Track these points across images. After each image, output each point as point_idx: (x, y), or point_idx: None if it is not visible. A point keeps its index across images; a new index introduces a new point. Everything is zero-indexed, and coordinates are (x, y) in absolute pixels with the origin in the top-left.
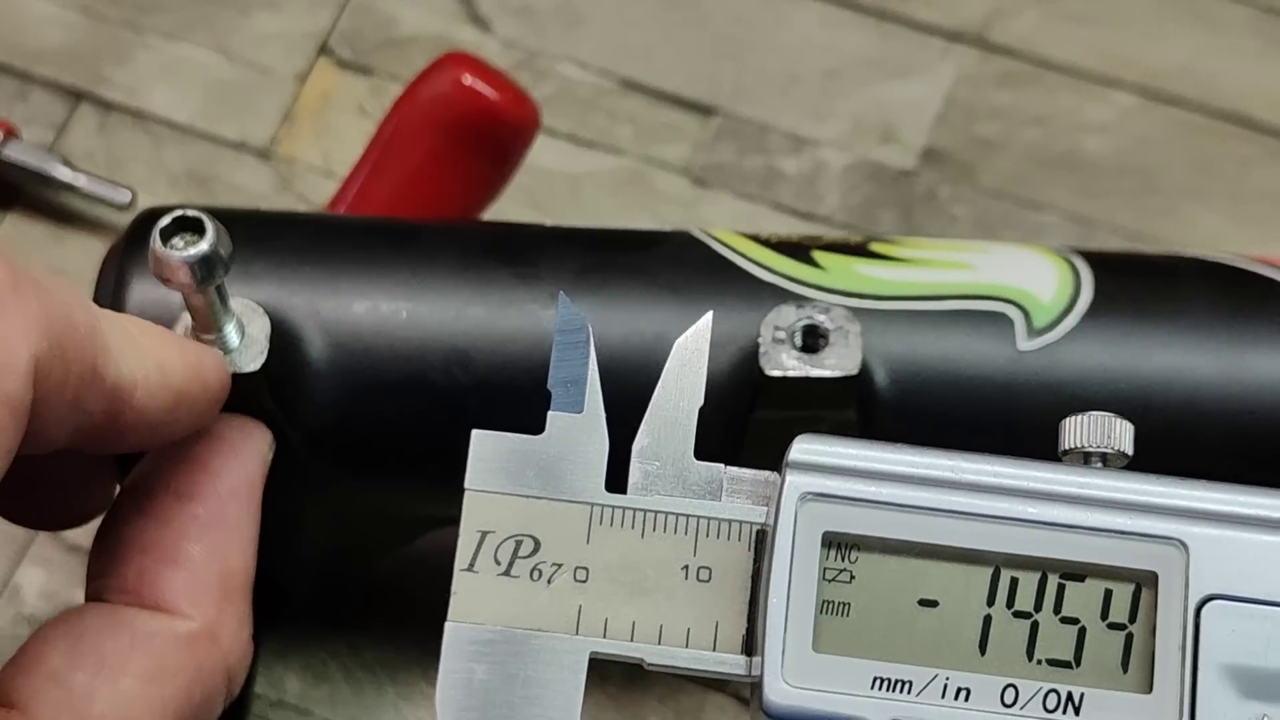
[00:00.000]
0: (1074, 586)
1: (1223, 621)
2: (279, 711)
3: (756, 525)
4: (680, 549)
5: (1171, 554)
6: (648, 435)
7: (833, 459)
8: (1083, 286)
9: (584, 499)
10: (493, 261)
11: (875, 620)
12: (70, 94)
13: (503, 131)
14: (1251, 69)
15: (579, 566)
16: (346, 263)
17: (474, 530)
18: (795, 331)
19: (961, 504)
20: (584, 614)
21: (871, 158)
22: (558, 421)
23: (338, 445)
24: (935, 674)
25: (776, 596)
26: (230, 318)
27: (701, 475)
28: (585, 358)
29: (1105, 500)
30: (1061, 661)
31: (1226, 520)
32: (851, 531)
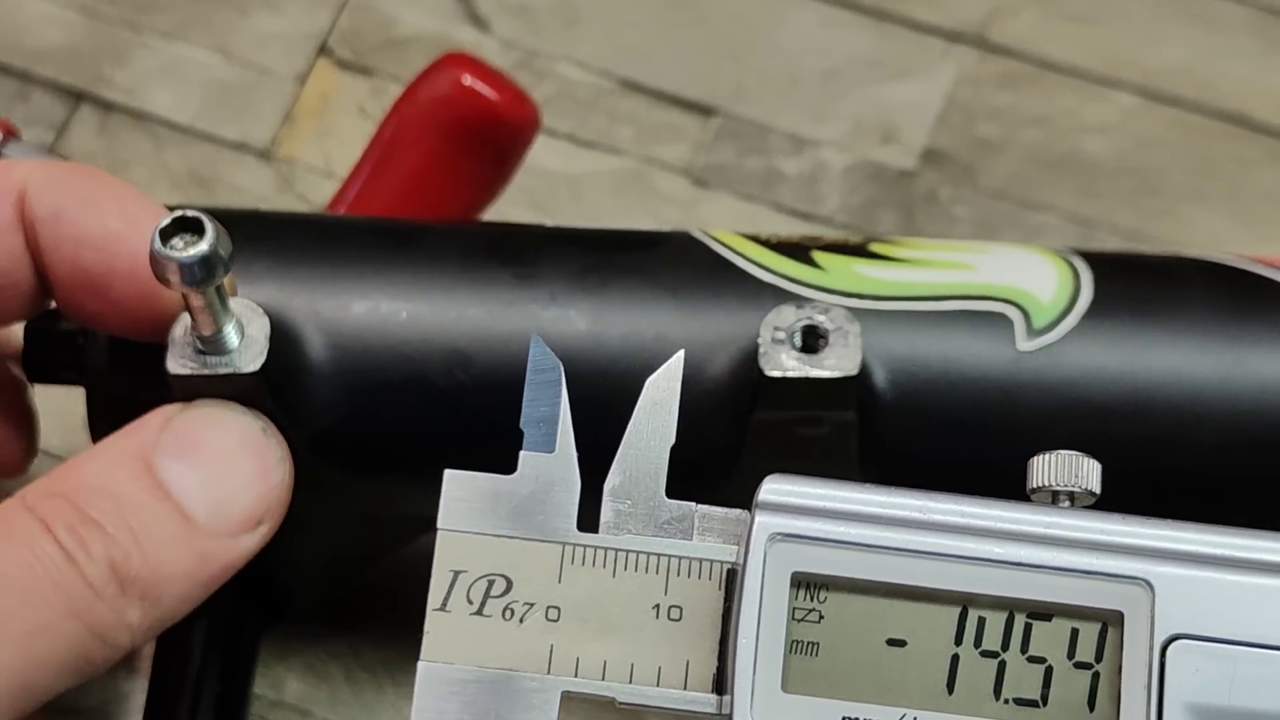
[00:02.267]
0: (1041, 626)
1: (1188, 661)
2: (279, 711)
3: (727, 564)
4: (651, 588)
5: (1137, 594)
6: (619, 474)
7: (801, 499)
8: (1082, 287)
9: (556, 538)
10: (493, 262)
11: (844, 660)
12: (70, 94)
13: (503, 132)
14: (1251, 69)
15: (551, 606)
16: (346, 263)
17: (447, 570)
18: (795, 332)
19: (929, 544)
20: (556, 653)
21: (872, 158)
22: (530, 461)
23: (338, 446)
24: (903, 714)
25: (746, 636)
26: (230, 318)
27: (673, 513)
28: (557, 397)
29: (1071, 540)
30: (1028, 701)
31: (1191, 560)
32: (820, 572)
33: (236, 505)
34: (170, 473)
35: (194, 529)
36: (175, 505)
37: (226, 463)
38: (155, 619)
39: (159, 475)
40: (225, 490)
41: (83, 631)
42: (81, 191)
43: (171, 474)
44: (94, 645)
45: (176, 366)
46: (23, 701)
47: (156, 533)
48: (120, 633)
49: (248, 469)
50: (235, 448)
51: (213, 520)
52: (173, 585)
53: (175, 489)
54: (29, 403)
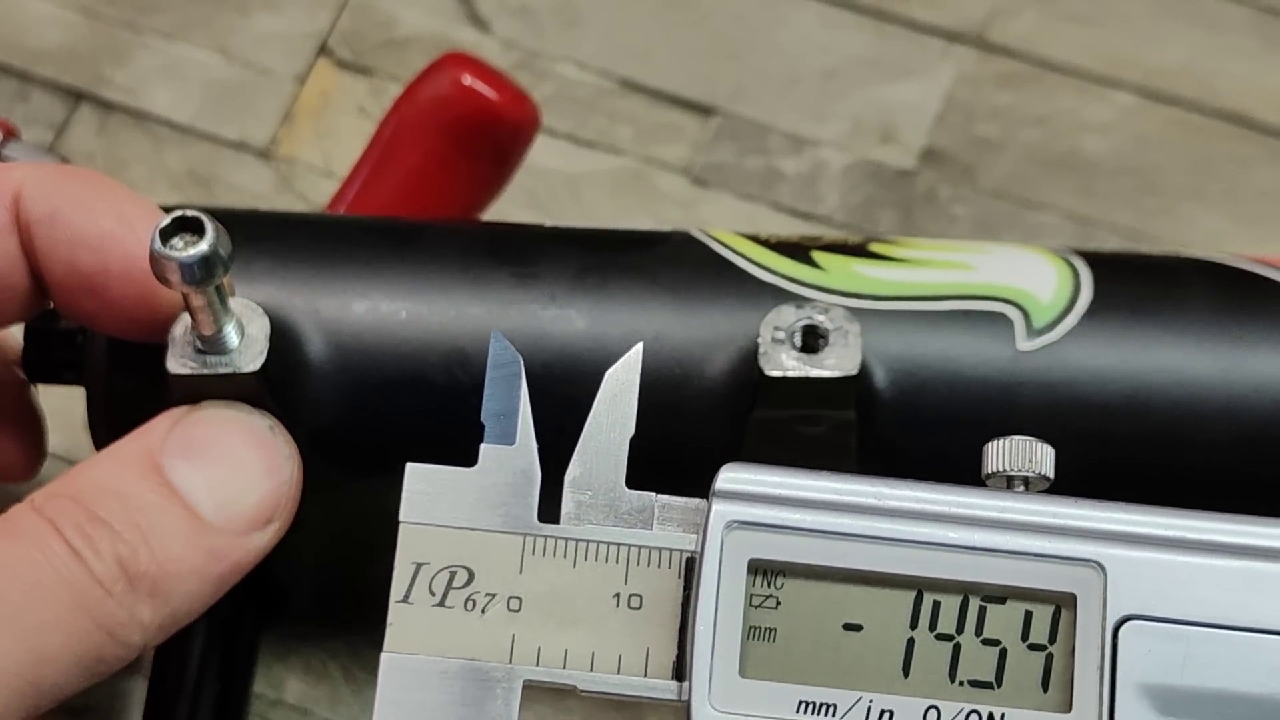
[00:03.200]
0: (995, 609)
1: (1140, 641)
2: (279, 711)
3: (687, 553)
4: (611, 577)
5: (1090, 576)
6: (580, 466)
7: (758, 487)
8: (1082, 287)
9: (517, 530)
10: (492, 262)
11: (801, 645)
12: (70, 94)
13: (502, 132)
14: (1251, 69)
15: (512, 596)
16: (346, 263)
17: (409, 562)
18: (795, 332)
19: (885, 529)
20: (517, 643)
21: (871, 158)
22: (491, 454)
23: (337, 445)
24: (859, 697)
25: (703, 624)
26: (230, 318)
27: (633, 504)
28: (517, 390)
29: (1024, 524)
30: (983, 682)
31: (1143, 542)
32: (777, 558)
33: (245, 503)
34: (178, 472)
35: (203, 527)
36: (183, 503)
37: (234, 461)
38: (166, 616)
39: (166, 475)
40: (233, 488)
41: (93, 629)
42: (76, 193)
43: (179, 473)
44: (105, 643)
45: (176, 366)
46: (34, 700)
47: (165, 530)
48: (132, 630)
49: (256, 467)
50: (242, 446)
51: (222, 518)
52: (182, 582)
53: (183, 488)
54: (33, 406)
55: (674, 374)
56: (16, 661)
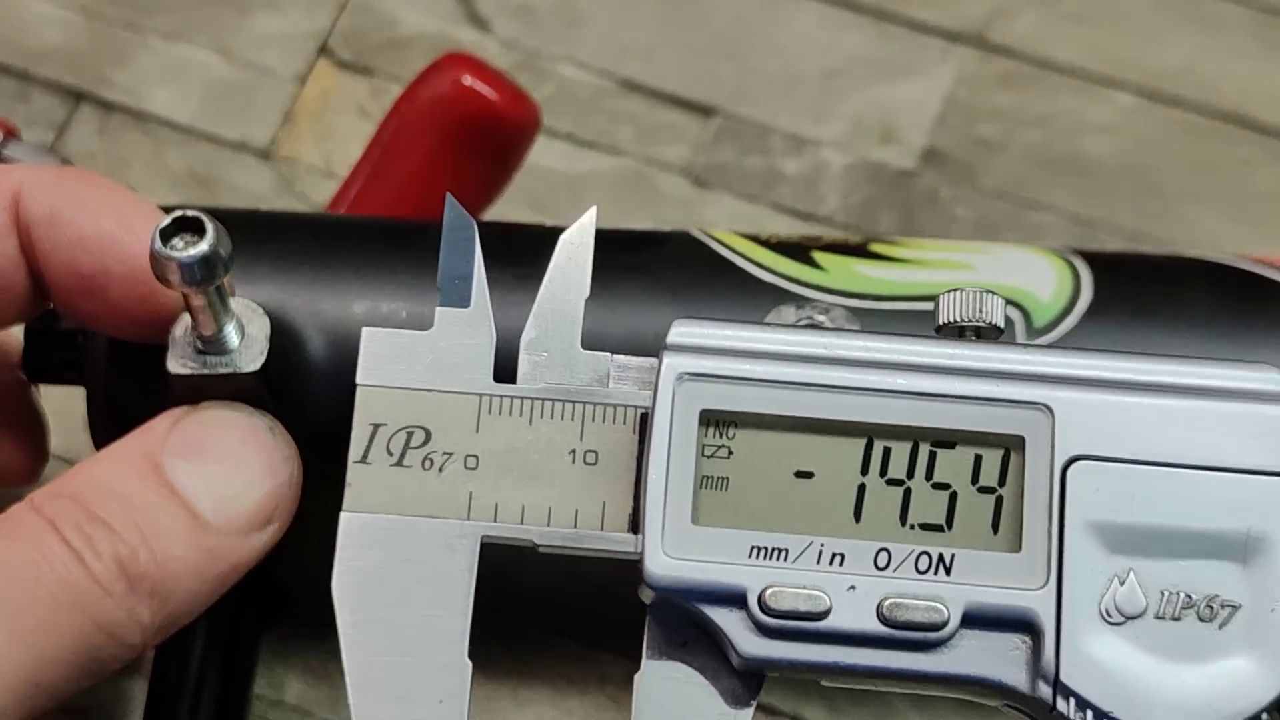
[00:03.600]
0: (945, 453)
1: (1088, 480)
2: (279, 712)
3: (641, 409)
4: (567, 434)
5: (1038, 418)
6: (535, 328)
7: (709, 340)
8: (1082, 287)
9: (473, 390)
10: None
11: (753, 493)
12: (71, 94)
13: (503, 132)
14: (1252, 70)
15: (469, 455)
16: (346, 263)
17: (366, 423)
18: None
19: (834, 378)
20: (475, 500)
21: (872, 158)
22: (446, 316)
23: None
24: (810, 541)
25: (656, 473)
26: (230, 318)
27: (589, 364)
28: (471, 255)
29: (973, 370)
30: (934, 525)
31: (1089, 384)
32: (728, 409)
33: (244, 503)
34: (177, 472)
35: (202, 526)
36: (183, 503)
37: (233, 461)
38: (166, 617)
39: (166, 475)
40: (233, 488)
41: (92, 629)
42: (76, 194)
43: (178, 473)
44: (105, 643)
45: (177, 366)
46: (33, 700)
47: (164, 530)
48: (131, 631)
49: (255, 467)
50: (242, 446)
51: (221, 518)
52: (182, 582)
53: (182, 487)
54: (35, 409)
55: None
56: (15, 662)
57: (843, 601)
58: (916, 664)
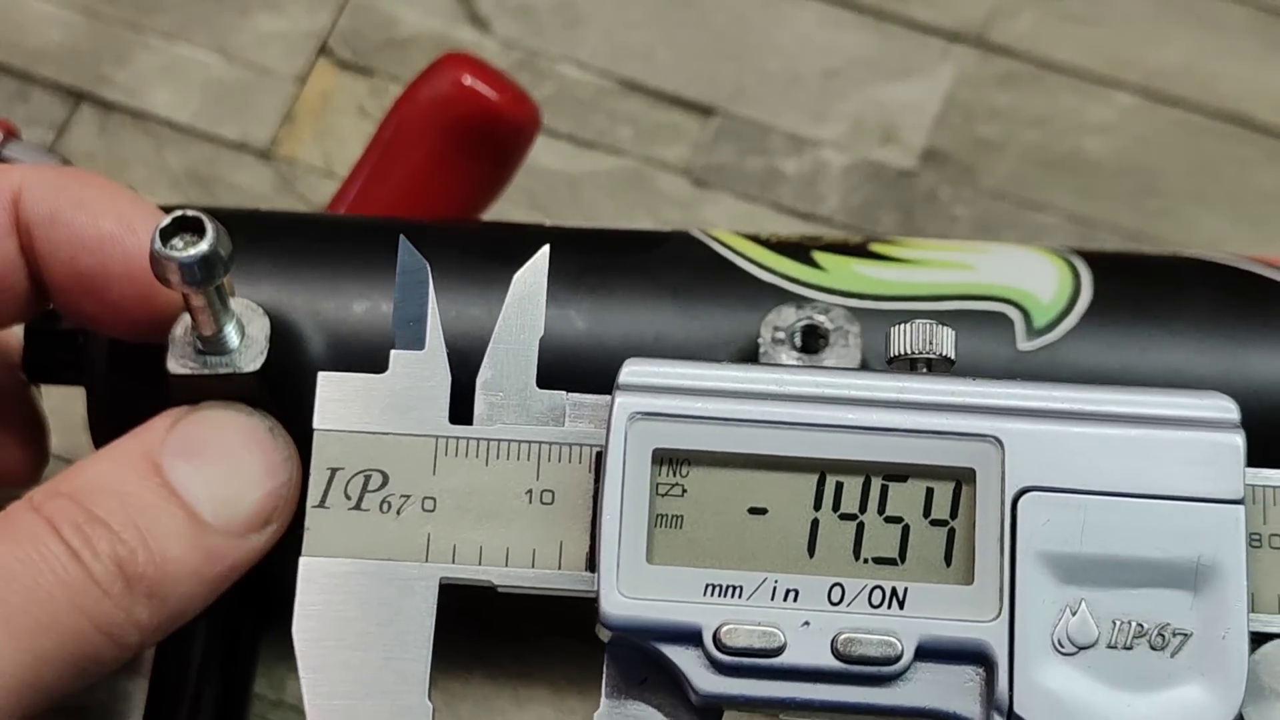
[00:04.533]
0: (897, 487)
1: (1038, 511)
2: (279, 711)
3: (597, 447)
4: (523, 474)
5: (988, 450)
6: (491, 368)
7: (660, 379)
8: (1082, 287)
9: (428, 432)
10: (493, 262)
11: (707, 531)
12: (70, 94)
13: (503, 132)
14: (1252, 70)
15: (427, 497)
16: (346, 263)
17: (324, 467)
18: (795, 332)
19: (786, 414)
20: (433, 541)
21: (872, 158)
22: (401, 359)
23: None
24: (765, 578)
25: (610, 513)
26: (230, 318)
27: (545, 403)
28: (425, 297)
29: (923, 403)
30: (887, 559)
31: (1038, 415)
32: (681, 447)
33: (243, 504)
34: (177, 472)
35: (201, 527)
36: (182, 503)
37: (233, 462)
38: (164, 617)
39: (166, 475)
40: (232, 489)
41: (90, 629)
42: (76, 194)
43: (178, 473)
44: (102, 643)
45: (177, 366)
46: (30, 700)
47: (163, 530)
48: (129, 631)
49: (254, 468)
50: (242, 447)
51: (220, 519)
52: (180, 583)
53: (182, 488)
54: (36, 409)
55: None
56: (13, 663)
57: (797, 637)
58: (872, 698)
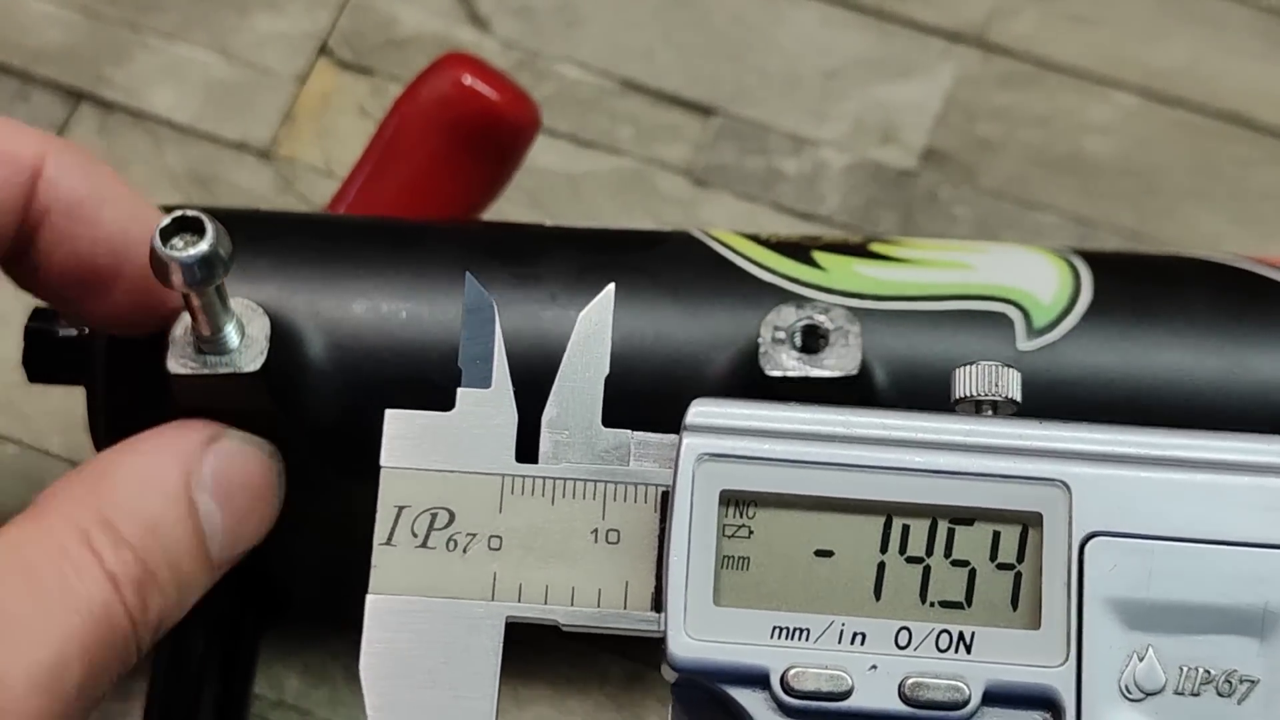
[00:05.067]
0: (963, 530)
1: (1105, 557)
2: (279, 711)
3: (662, 487)
4: (589, 513)
5: (1055, 494)
6: (556, 406)
7: (728, 420)
8: (1083, 287)
9: (495, 470)
10: (493, 262)
11: (773, 572)
12: (70, 94)
13: (503, 131)
14: (1253, 70)
15: (493, 535)
16: (346, 263)
17: (391, 505)
18: (795, 332)
19: (853, 456)
20: (499, 580)
21: (872, 158)
22: (468, 397)
23: (337, 445)
24: (831, 620)
25: (677, 554)
26: (230, 318)
27: (609, 441)
28: (492, 335)
29: (990, 446)
30: (953, 603)
31: (1105, 459)
32: (748, 489)
33: (241, 547)
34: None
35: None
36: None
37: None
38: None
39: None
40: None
41: (109, 650)
42: (105, 189)
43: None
44: (114, 662)
45: (177, 366)
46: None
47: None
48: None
49: (262, 515)
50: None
51: (221, 557)
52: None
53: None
54: None
55: (674, 375)
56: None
57: (864, 681)
58: None
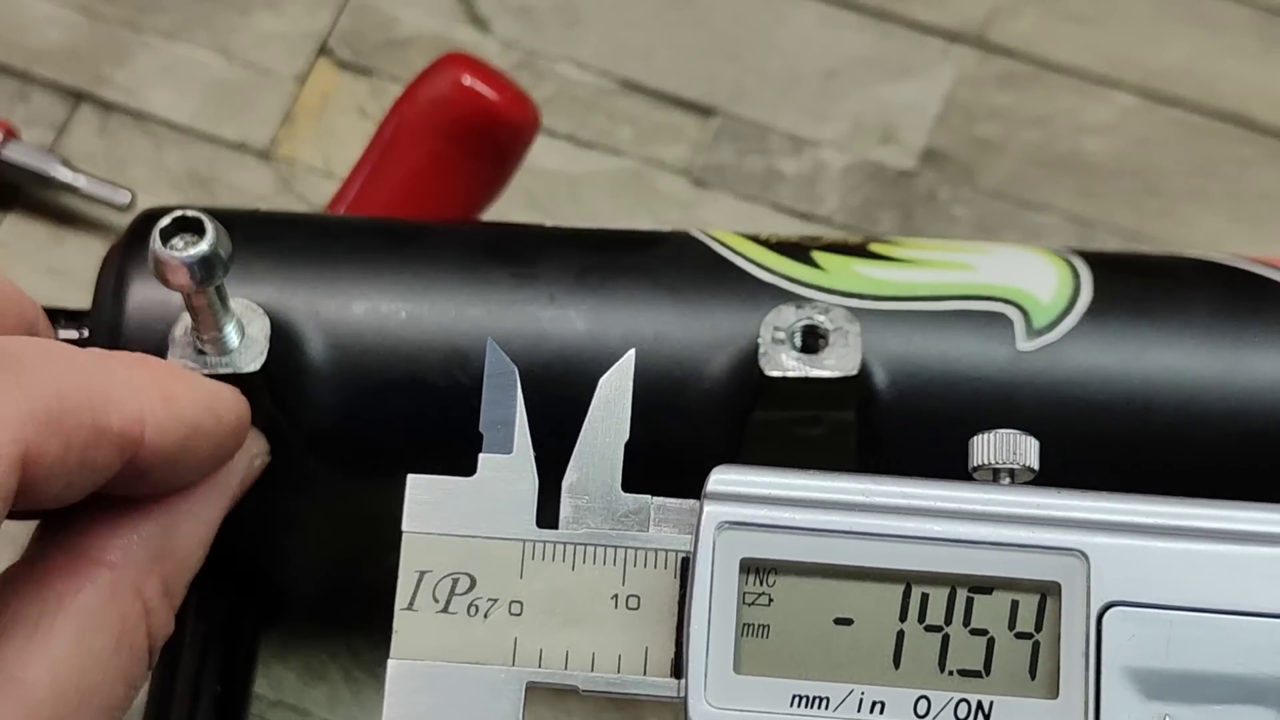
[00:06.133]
0: (982, 599)
1: (1124, 627)
2: (278, 711)
3: (682, 553)
4: (609, 579)
5: (1073, 564)
6: (576, 471)
7: (748, 488)
8: (1082, 287)
9: (516, 535)
10: (492, 262)
11: (793, 640)
12: (70, 94)
13: (502, 132)
14: (1252, 70)
15: (514, 600)
16: (346, 263)
17: (413, 570)
18: (795, 332)
19: (872, 525)
20: (520, 645)
21: (871, 158)
22: (489, 463)
23: (337, 446)
24: (851, 689)
25: (698, 622)
26: (230, 318)
27: (629, 506)
28: (514, 400)
29: (1008, 515)
30: (972, 671)
31: (1123, 529)
32: (768, 557)
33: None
34: None
35: None
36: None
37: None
38: None
39: None
40: None
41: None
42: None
43: None
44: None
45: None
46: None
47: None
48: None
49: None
50: None
51: None
52: None
53: None
54: None
55: (674, 375)
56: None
57: None
58: None
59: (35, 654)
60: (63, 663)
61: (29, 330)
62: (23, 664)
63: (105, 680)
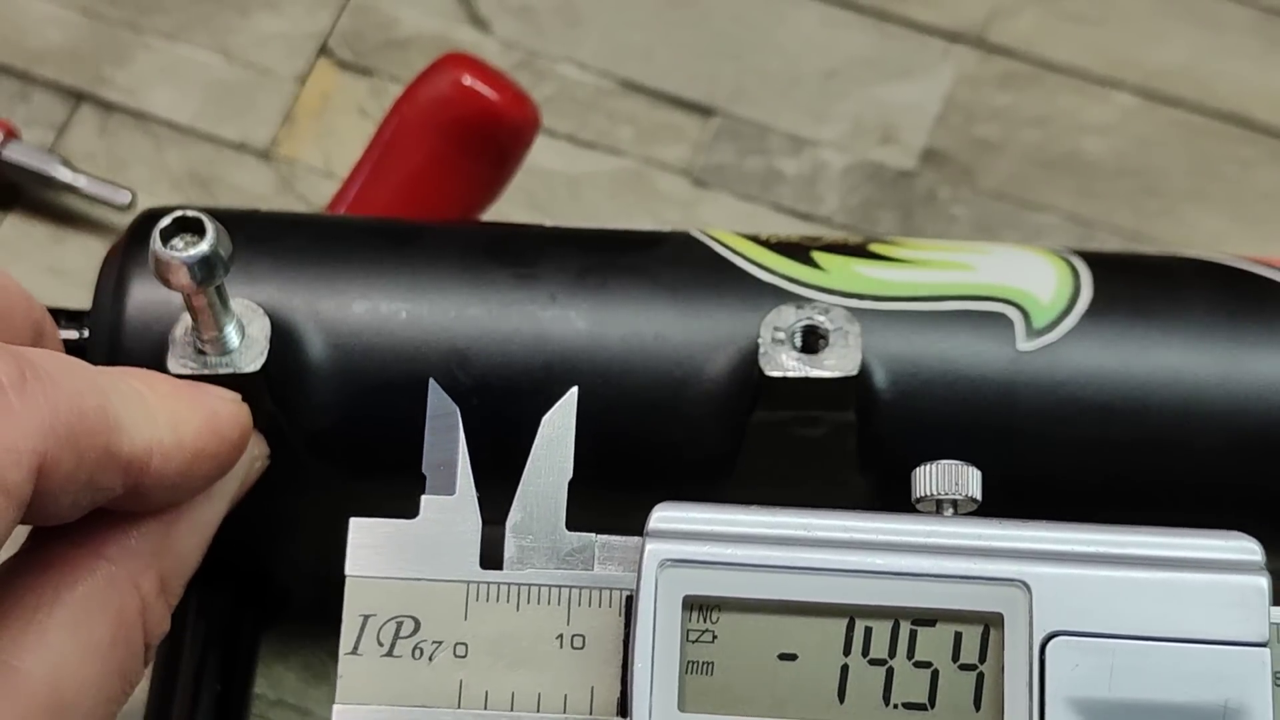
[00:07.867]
0: (926, 631)
1: (1066, 656)
2: (279, 711)
3: (626, 591)
4: (554, 619)
5: (1015, 594)
6: (520, 511)
7: (690, 525)
8: (1082, 287)
9: (460, 577)
10: (492, 262)
11: (738, 677)
12: (71, 95)
13: (503, 132)
14: (1252, 70)
15: (458, 643)
16: (346, 263)
17: (356, 614)
18: (795, 332)
19: (815, 560)
20: (465, 688)
21: (871, 158)
22: (432, 504)
23: (337, 445)
24: None
25: (641, 661)
26: (230, 318)
27: (574, 545)
28: (455, 442)
29: (950, 547)
30: (917, 705)
31: (1065, 559)
32: (711, 594)
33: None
34: None
35: None
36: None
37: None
38: None
39: None
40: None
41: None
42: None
43: None
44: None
45: (177, 367)
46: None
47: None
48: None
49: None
50: None
51: None
52: None
53: None
54: None
55: (674, 375)
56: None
57: None
58: None
59: (32, 643)
60: (59, 653)
61: (35, 330)
62: (20, 653)
63: (101, 672)
